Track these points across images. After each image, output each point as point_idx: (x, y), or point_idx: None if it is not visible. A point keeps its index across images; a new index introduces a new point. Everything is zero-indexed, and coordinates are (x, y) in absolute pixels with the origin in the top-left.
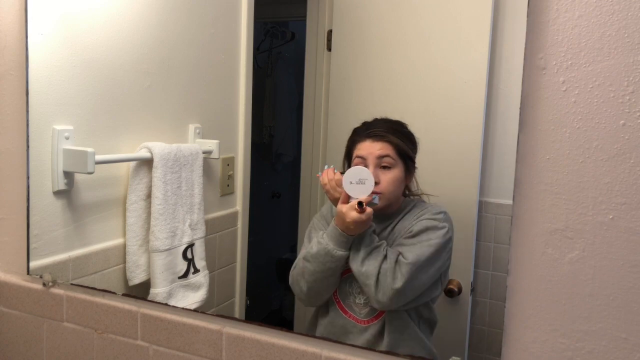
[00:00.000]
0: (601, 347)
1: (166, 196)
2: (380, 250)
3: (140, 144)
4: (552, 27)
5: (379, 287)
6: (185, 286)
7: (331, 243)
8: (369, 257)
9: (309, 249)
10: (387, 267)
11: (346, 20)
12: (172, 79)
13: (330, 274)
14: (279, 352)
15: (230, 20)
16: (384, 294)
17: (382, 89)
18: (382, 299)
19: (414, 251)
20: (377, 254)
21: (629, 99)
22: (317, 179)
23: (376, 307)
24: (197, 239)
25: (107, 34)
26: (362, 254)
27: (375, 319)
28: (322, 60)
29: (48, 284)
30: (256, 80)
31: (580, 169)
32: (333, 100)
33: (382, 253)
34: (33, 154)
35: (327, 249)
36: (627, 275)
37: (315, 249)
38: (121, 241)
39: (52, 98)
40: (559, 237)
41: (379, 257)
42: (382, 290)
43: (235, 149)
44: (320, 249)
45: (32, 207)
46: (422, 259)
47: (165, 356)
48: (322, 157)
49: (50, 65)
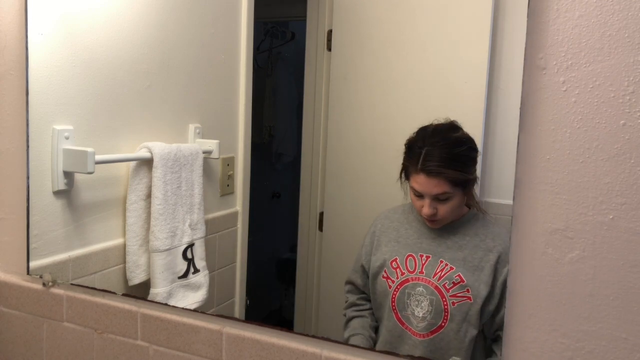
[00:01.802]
0: (601, 347)
1: (166, 196)
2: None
3: (140, 144)
4: (552, 27)
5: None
6: (185, 286)
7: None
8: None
9: None
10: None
11: (346, 20)
12: (172, 79)
13: None
14: (279, 352)
15: (230, 20)
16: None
17: (382, 89)
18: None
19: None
20: None
21: (629, 99)
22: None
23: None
24: (197, 239)
25: (107, 34)
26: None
27: (432, 333)
28: (322, 60)
29: (48, 284)
30: (256, 80)
31: (581, 169)
32: (333, 100)
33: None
34: (33, 154)
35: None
36: (627, 275)
37: None
38: (121, 241)
39: (52, 98)
40: (559, 237)
41: None
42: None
43: (235, 149)
44: None
45: (32, 207)
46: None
47: (165, 356)
48: (322, 157)
49: (50, 65)
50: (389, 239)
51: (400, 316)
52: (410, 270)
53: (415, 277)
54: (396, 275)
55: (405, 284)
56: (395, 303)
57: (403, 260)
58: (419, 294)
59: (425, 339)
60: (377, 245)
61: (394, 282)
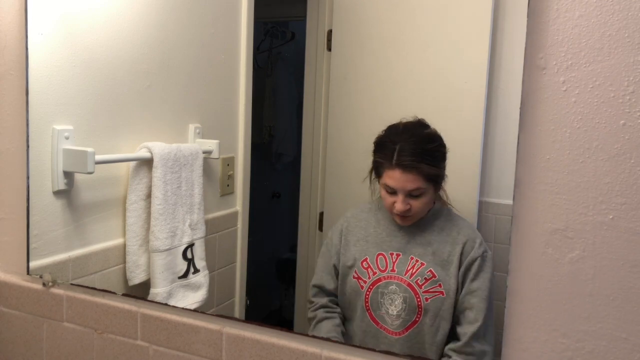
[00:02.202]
0: (601, 347)
1: (166, 196)
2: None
3: (140, 144)
4: (552, 27)
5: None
6: (185, 286)
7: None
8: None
9: None
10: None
11: (346, 20)
12: (172, 79)
13: None
14: (279, 352)
15: (230, 20)
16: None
17: (382, 89)
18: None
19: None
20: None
21: (629, 99)
22: (317, 178)
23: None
24: (197, 239)
25: (107, 34)
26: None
27: (407, 330)
28: (322, 60)
29: (48, 284)
30: (256, 80)
31: (581, 169)
32: (333, 100)
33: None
34: (33, 154)
35: None
36: (627, 275)
37: None
38: (121, 241)
39: (52, 98)
40: (559, 237)
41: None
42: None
43: (235, 149)
44: None
45: (32, 207)
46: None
47: (165, 356)
48: (322, 157)
49: (50, 65)
50: (357, 238)
51: (375, 316)
52: (382, 269)
53: (387, 275)
54: (367, 275)
55: (378, 283)
56: (368, 303)
57: (374, 260)
58: (392, 292)
59: (400, 336)
60: (345, 244)
61: (365, 282)
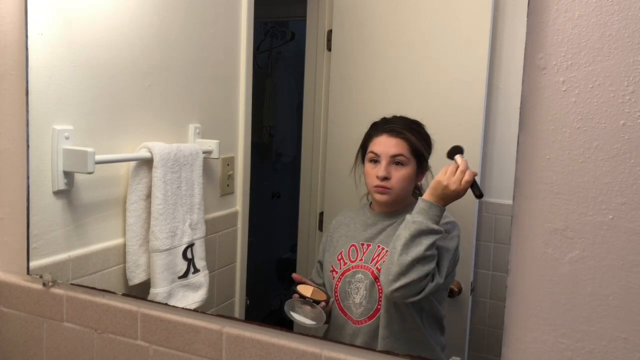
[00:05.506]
0: (601, 347)
1: (166, 196)
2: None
3: (140, 144)
4: (552, 27)
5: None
6: (185, 286)
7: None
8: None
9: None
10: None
11: (346, 20)
12: (172, 79)
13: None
14: (279, 352)
15: (230, 20)
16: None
17: (382, 89)
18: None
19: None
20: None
21: (629, 99)
22: (317, 178)
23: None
24: (197, 238)
25: (107, 34)
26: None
27: (369, 319)
28: (322, 60)
29: (48, 284)
30: (256, 80)
31: (580, 169)
32: (333, 100)
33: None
34: (33, 154)
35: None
36: (627, 275)
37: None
38: (121, 241)
39: (52, 98)
40: (559, 237)
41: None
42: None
43: (235, 149)
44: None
45: (32, 207)
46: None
47: (165, 356)
48: (322, 157)
49: (50, 65)
50: (340, 235)
51: (343, 306)
52: (352, 259)
53: (355, 265)
54: (339, 266)
55: (346, 273)
56: (338, 293)
57: (347, 252)
58: (358, 280)
59: (363, 325)
60: (329, 242)
61: (337, 272)
